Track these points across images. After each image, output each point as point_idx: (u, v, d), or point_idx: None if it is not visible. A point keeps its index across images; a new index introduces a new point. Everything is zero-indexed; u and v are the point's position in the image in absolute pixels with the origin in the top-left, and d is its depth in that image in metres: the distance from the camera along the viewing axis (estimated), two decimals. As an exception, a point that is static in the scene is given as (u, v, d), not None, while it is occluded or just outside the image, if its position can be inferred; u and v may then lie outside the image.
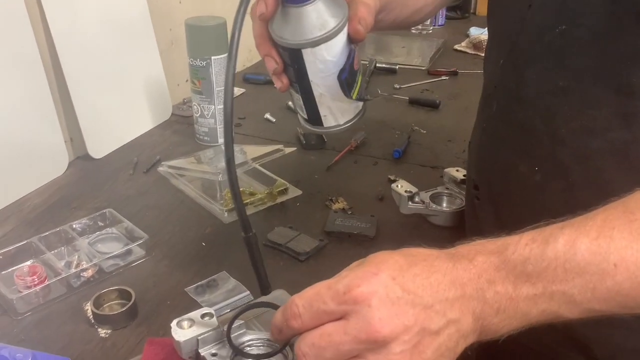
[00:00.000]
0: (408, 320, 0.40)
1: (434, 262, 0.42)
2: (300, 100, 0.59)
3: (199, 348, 0.49)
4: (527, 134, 0.58)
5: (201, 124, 1.08)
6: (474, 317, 0.41)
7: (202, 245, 0.79)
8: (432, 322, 0.41)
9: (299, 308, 0.42)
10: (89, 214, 0.82)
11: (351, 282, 0.41)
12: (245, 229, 0.49)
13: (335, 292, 0.41)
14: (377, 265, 0.42)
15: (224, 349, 0.49)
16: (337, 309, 0.41)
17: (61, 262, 0.72)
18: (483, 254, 0.42)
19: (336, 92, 0.56)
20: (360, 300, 0.40)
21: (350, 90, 0.56)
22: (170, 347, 0.52)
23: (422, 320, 0.40)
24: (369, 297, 0.40)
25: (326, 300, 0.41)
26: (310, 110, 0.60)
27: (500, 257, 0.42)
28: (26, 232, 0.80)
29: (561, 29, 0.53)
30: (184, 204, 0.90)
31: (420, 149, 1.09)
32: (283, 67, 0.56)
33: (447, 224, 0.83)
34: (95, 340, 0.63)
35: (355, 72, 0.57)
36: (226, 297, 0.68)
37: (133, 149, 1.06)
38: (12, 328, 0.64)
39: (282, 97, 1.31)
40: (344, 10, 0.54)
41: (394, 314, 0.40)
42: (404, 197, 0.82)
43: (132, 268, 0.74)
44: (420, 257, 0.43)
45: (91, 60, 1.02)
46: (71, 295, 0.69)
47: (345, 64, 0.54)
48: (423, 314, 0.40)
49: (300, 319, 0.42)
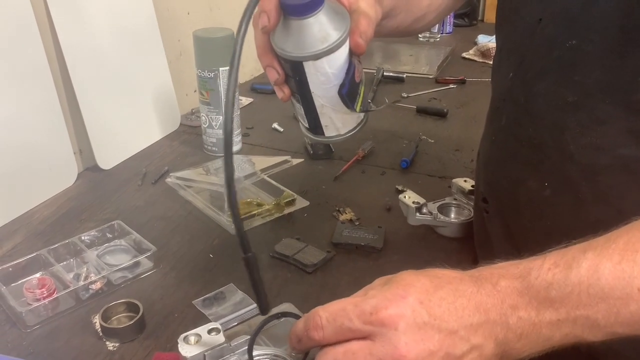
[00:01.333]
0: (433, 345, 0.41)
1: (459, 286, 0.43)
2: (302, 109, 0.60)
3: (205, 364, 0.49)
4: (536, 149, 0.58)
5: (209, 134, 1.09)
6: (496, 342, 0.42)
7: (209, 257, 0.79)
8: (457, 347, 0.41)
9: (322, 320, 0.43)
10: (98, 226, 0.82)
11: (379, 304, 0.41)
12: (244, 249, 0.49)
13: (362, 311, 0.42)
14: (405, 288, 0.42)
15: (231, 364, 0.49)
16: (363, 328, 0.41)
17: (70, 275, 0.73)
18: (506, 278, 0.42)
19: (337, 104, 0.56)
20: (387, 323, 0.41)
21: (353, 103, 0.57)
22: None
23: (446, 346, 0.41)
24: (397, 321, 0.41)
25: (352, 318, 0.42)
26: (312, 120, 0.60)
27: (523, 282, 0.42)
28: (35, 244, 0.80)
29: (571, 43, 0.53)
30: (192, 215, 0.90)
31: (428, 158, 1.08)
32: (285, 77, 0.57)
33: (456, 235, 0.82)
34: (103, 353, 0.63)
35: (357, 84, 0.57)
36: (234, 310, 0.68)
37: (142, 159, 1.07)
38: (21, 341, 0.65)
39: (290, 106, 1.30)
40: (346, 22, 0.54)
41: (420, 339, 0.41)
42: (411, 208, 0.81)
43: (140, 280, 0.75)
44: (446, 279, 0.44)
45: (100, 71, 1.03)
46: (80, 308, 0.70)
47: (346, 77, 0.55)
48: (448, 340, 0.41)
49: (322, 332, 0.42)
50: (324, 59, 0.53)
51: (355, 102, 0.57)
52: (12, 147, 0.88)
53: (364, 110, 0.59)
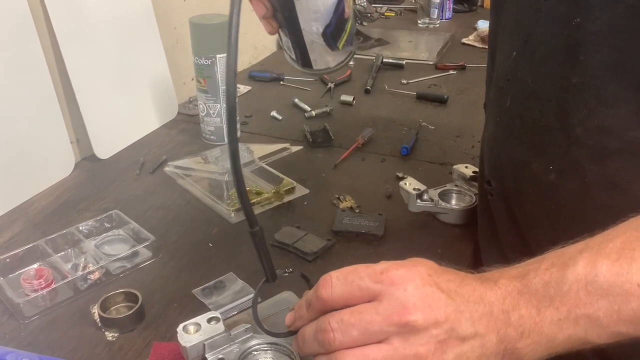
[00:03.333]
0: (440, 315, 0.40)
1: (465, 278, 0.43)
2: (290, 42, 0.59)
3: (205, 353, 0.49)
4: (541, 131, 0.56)
5: (207, 122, 1.07)
6: (498, 337, 0.41)
7: (209, 246, 0.79)
8: (462, 326, 0.41)
9: (333, 279, 0.42)
10: (96, 216, 0.81)
11: (390, 266, 0.42)
12: (251, 224, 0.47)
13: (372, 270, 0.42)
14: (414, 263, 0.43)
15: (231, 353, 0.49)
16: (372, 286, 0.41)
17: (68, 265, 0.72)
18: (505, 278, 0.42)
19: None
20: (397, 282, 0.41)
21: (336, 42, 0.56)
22: (177, 351, 0.52)
23: (452, 320, 0.40)
24: (406, 281, 0.41)
25: (362, 276, 0.42)
26: (301, 54, 0.60)
27: (522, 282, 0.42)
28: (33, 235, 0.80)
29: (577, 21, 0.51)
30: (191, 205, 0.89)
31: (429, 145, 1.07)
32: (272, 11, 0.56)
33: (457, 221, 0.82)
34: (102, 344, 0.62)
35: (345, 20, 0.57)
36: (233, 299, 0.67)
37: (139, 149, 1.06)
38: (19, 332, 0.64)
39: (289, 94, 1.30)
40: None
41: (428, 305, 0.40)
42: (412, 195, 0.81)
43: (139, 270, 0.74)
44: (451, 270, 0.44)
45: (96, 60, 1.02)
46: (78, 298, 0.69)
47: (334, 16, 0.54)
48: (455, 314, 0.41)
49: (331, 290, 0.42)
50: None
51: (339, 40, 0.56)
52: (9, 137, 0.87)
53: (347, 49, 0.58)
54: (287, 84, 1.36)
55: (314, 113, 1.19)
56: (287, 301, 0.59)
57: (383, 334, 0.40)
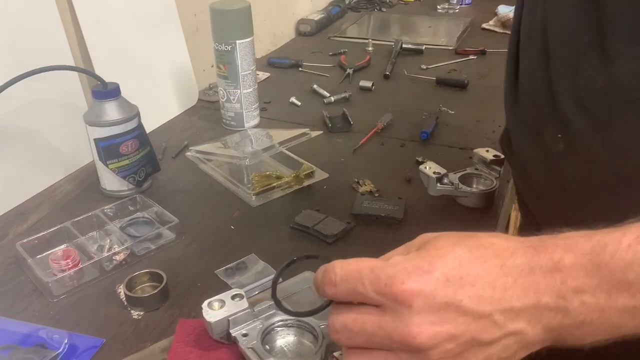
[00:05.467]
0: (455, 328, 0.36)
1: (507, 262, 0.37)
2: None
3: (229, 328, 0.50)
4: (553, 96, 0.52)
5: (227, 108, 1.08)
6: (546, 329, 0.36)
7: (230, 229, 0.80)
8: (486, 333, 0.36)
9: (337, 277, 0.39)
10: (120, 199, 0.83)
11: (397, 275, 0.36)
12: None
13: (377, 278, 0.37)
14: (432, 261, 0.37)
15: (254, 329, 0.50)
16: (374, 297, 0.37)
17: (94, 246, 0.74)
18: (573, 254, 0.36)
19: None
20: (401, 299, 0.36)
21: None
22: (202, 328, 0.53)
23: (473, 331, 0.36)
24: (412, 298, 0.36)
25: (365, 284, 0.37)
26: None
27: (594, 260, 0.35)
28: (59, 217, 0.81)
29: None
30: (212, 188, 0.90)
31: (449, 130, 1.07)
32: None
33: (477, 205, 0.82)
34: (129, 321, 0.64)
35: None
36: (255, 279, 0.68)
37: (161, 134, 1.07)
38: (48, 310, 0.66)
39: (307, 80, 1.30)
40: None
41: (438, 321, 0.36)
42: (432, 178, 0.81)
43: (163, 251, 0.75)
44: (492, 251, 0.37)
45: (118, 48, 1.03)
46: (104, 279, 0.71)
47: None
48: (476, 324, 0.36)
49: (334, 289, 0.39)
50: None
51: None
52: (34, 123, 0.89)
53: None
54: (305, 70, 1.37)
55: (333, 99, 1.20)
56: (308, 280, 0.59)
57: (390, 347, 0.37)
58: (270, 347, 0.49)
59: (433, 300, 0.36)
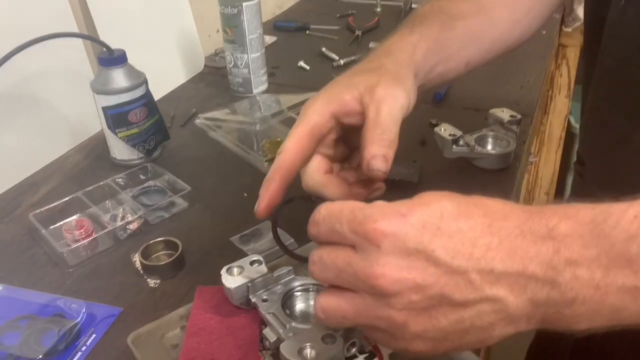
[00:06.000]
0: (423, 279, 0.33)
1: (496, 223, 0.34)
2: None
3: (249, 294, 0.49)
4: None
5: (235, 74, 1.06)
6: (532, 302, 0.33)
7: (243, 196, 0.79)
8: (458, 291, 0.33)
9: (320, 216, 0.38)
10: (130, 169, 0.82)
11: (372, 215, 0.35)
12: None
13: (354, 217, 0.36)
14: (412, 207, 0.35)
15: (274, 294, 0.49)
16: (348, 236, 0.36)
17: (107, 216, 0.73)
18: (571, 221, 0.33)
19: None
20: (370, 238, 0.34)
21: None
22: (220, 294, 0.53)
23: (442, 285, 0.33)
24: (381, 238, 0.34)
25: (342, 222, 0.36)
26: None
27: (594, 230, 0.32)
28: (70, 188, 0.80)
29: None
30: (223, 156, 0.89)
31: (462, 91, 1.04)
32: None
33: (493, 166, 0.80)
34: (146, 290, 0.63)
35: None
36: (271, 246, 0.67)
37: (168, 102, 1.05)
38: (65, 280, 0.65)
39: (315, 43, 1.27)
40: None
41: (405, 267, 0.33)
42: (447, 140, 0.79)
43: (176, 220, 0.75)
44: (483, 211, 0.35)
45: (122, 16, 1.00)
46: (118, 248, 0.70)
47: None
48: (447, 278, 0.33)
49: (317, 228, 0.38)
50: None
51: None
52: (42, 94, 0.87)
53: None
54: (313, 32, 1.33)
55: (342, 62, 1.17)
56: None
57: (356, 287, 0.36)
58: (290, 312, 0.49)
59: (403, 244, 0.33)
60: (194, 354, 0.47)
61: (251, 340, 0.48)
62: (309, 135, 0.51)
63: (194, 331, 0.49)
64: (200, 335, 0.49)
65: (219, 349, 0.48)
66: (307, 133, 0.51)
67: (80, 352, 0.56)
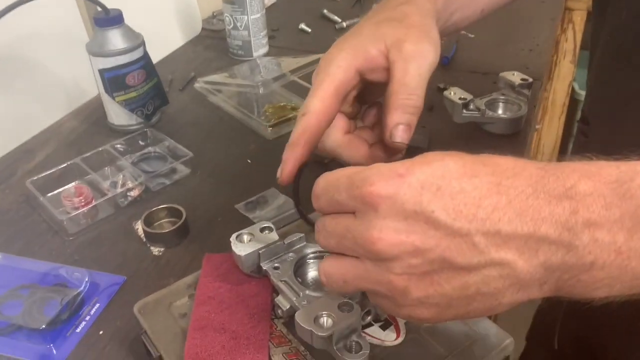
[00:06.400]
0: (423, 242, 0.31)
1: (505, 181, 0.31)
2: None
3: (260, 262, 0.47)
4: None
5: (234, 37, 1.02)
6: (544, 266, 0.30)
7: (247, 162, 0.77)
8: (461, 254, 0.31)
9: (319, 189, 0.37)
10: (128, 134, 0.79)
11: (369, 178, 0.33)
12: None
13: (351, 183, 0.34)
14: (411, 166, 0.32)
15: (286, 262, 0.47)
16: (348, 202, 0.35)
17: (106, 183, 0.71)
18: (592, 181, 0.30)
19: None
20: (368, 201, 0.33)
21: None
22: (229, 262, 0.51)
23: (444, 248, 0.31)
24: (378, 201, 0.32)
25: (340, 190, 0.35)
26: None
27: (617, 190, 0.29)
28: (68, 154, 0.78)
29: None
30: (224, 121, 0.86)
31: (469, 54, 1.01)
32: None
33: (504, 131, 0.78)
34: (149, 258, 0.62)
35: None
36: (277, 213, 0.66)
37: (166, 66, 1.02)
38: (65, 248, 0.64)
39: (317, 5, 1.23)
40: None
41: (403, 230, 0.31)
42: (458, 104, 0.76)
43: (178, 187, 0.72)
44: (491, 169, 0.32)
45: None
46: (119, 215, 0.68)
47: None
48: (448, 241, 0.31)
49: (318, 201, 0.37)
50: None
51: None
52: (36, 59, 0.84)
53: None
54: (313, -5, 1.29)
55: (345, 24, 1.13)
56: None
57: (356, 252, 0.35)
58: (302, 280, 0.47)
59: (401, 206, 0.32)
60: (204, 322, 0.46)
61: (263, 309, 0.47)
62: (335, 94, 0.46)
63: (203, 300, 0.48)
64: (209, 303, 0.47)
65: (229, 318, 0.46)
66: (333, 92, 0.46)
67: (84, 322, 0.54)
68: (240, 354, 0.43)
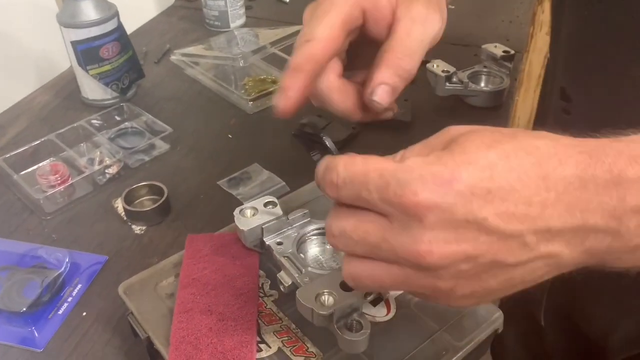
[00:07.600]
0: (475, 249, 0.30)
1: (552, 173, 0.29)
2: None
3: (263, 237, 0.47)
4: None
5: (210, 7, 0.99)
6: (588, 252, 0.31)
7: (228, 138, 0.75)
8: (511, 255, 0.30)
9: (339, 179, 0.32)
10: (104, 109, 0.77)
11: (409, 184, 0.30)
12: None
13: (385, 184, 0.30)
14: (456, 168, 0.30)
15: (289, 238, 0.47)
16: (380, 205, 0.31)
17: (83, 160, 0.69)
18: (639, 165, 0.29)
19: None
20: (412, 213, 0.30)
21: None
22: (213, 242, 0.50)
23: (495, 251, 0.30)
24: (424, 212, 0.29)
25: (371, 190, 0.31)
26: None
27: None
28: (41, 130, 0.75)
29: None
30: (203, 95, 0.84)
31: (449, 25, 0.98)
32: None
33: (487, 104, 0.78)
34: (131, 237, 0.60)
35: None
36: (261, 189, 0.65)
37: (139, 38, 0.99)
38: (42, 228, 0.62)
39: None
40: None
41: (454, 240, 0.30)
42: (441, 77, 0.76)
43: (158, 163, 0.71)
44: (534, 159, 0.30)
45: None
46: (98, 193, 0.66)
47: None
48: (500, 245, 0.30)
49: (337, 192, 0.32)
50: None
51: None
52: (6, 32, 0.80)
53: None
54: (290, -36, 1.25)
55: (324, -5, 1.10)
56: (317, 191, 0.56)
57: (394, 262, 0.32)
58: (304, 256, 0.47)
59: (451, 217, 0.29)
60: (189, 305, 0.45)
61: (250, 288, 0.46)
62: (342, 25, 0.41)
63: (187, 282, 0.47)
64: (194, 286, 0.47)
65: (216, 300, 0.45)
66: (341, 22, 0.41)
67: (67, 304, 0.53)
68: (228, 335, 0.43)
